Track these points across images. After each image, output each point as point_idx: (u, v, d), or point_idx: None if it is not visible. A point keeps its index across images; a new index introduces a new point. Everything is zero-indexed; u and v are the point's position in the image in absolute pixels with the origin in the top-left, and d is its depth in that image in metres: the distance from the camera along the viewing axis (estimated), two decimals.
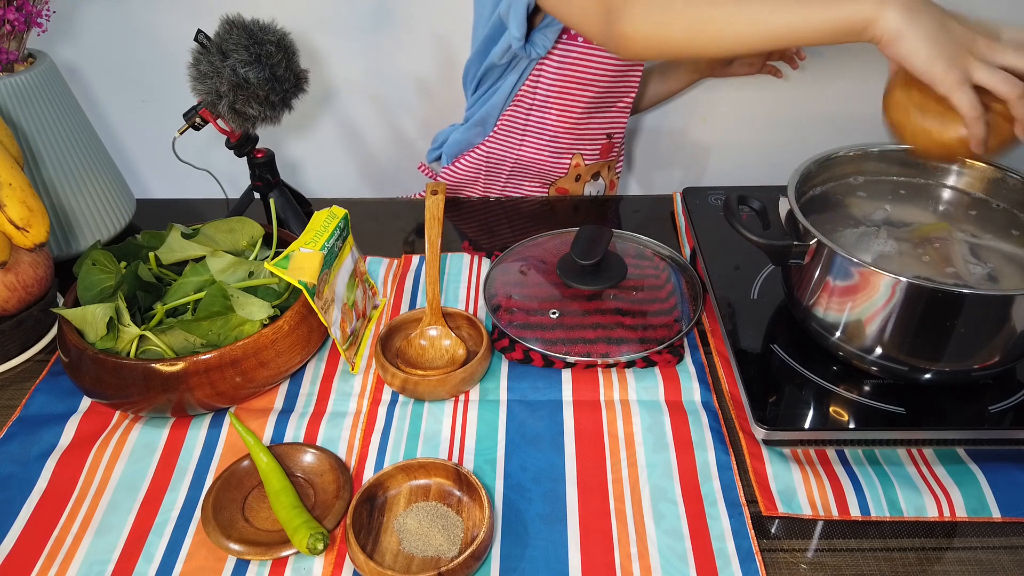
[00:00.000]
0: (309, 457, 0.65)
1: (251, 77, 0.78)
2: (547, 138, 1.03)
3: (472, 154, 1.07)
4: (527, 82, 0.98)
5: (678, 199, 1.00)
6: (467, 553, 0.54)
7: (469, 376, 0.71)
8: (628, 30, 0.69)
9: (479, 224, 1.00)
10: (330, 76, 1.30)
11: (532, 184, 1.10)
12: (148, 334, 0.67)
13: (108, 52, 1.26)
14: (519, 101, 1.01)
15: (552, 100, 0.99)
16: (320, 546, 0.56)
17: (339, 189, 1.44)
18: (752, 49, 0.67)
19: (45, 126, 0.85)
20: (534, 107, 1.01)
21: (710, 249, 0.85)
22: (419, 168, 1.13)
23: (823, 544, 0.59)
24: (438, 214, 0.79)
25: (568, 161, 1.06)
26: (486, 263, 0.90)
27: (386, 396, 0.72)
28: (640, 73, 1.00)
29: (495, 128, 1.04)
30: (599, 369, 0.74)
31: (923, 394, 0.66)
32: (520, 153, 1.05)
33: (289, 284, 0.73)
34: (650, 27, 0.69)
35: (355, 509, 0.58)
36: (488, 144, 1.05)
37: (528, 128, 1.03)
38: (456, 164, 1.08)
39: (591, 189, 1.12)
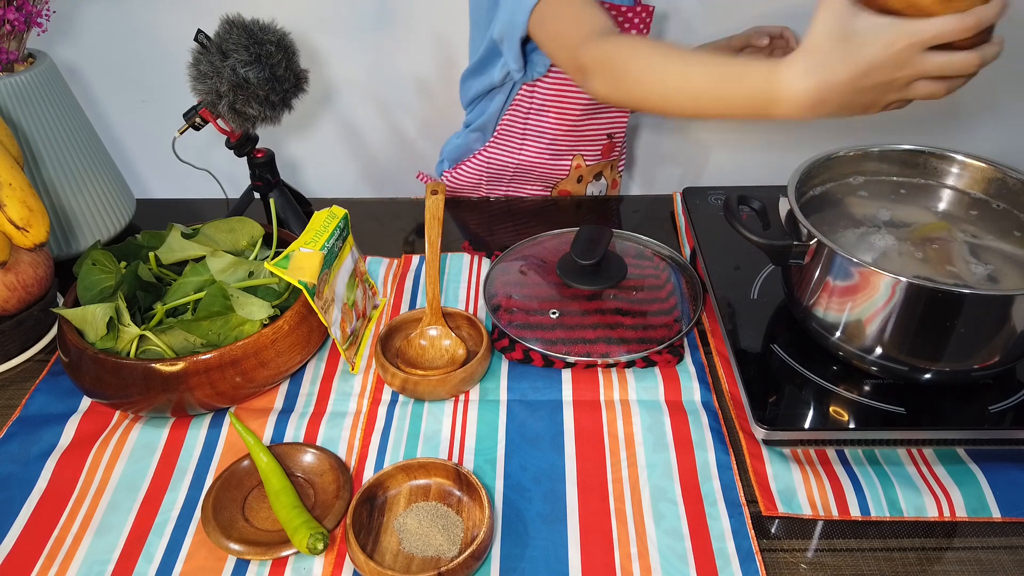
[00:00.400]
0: (309, 457, 0.65)
1: (251, 77, 0.78)
2: (547, 141, 1.03)
3: (474, 160, 1.07)
4: (523, 88, 0.99)
5: (678, 199, 1.00)
6: (467, 553, 0.54)
7: (469, 376, 0.71)
8: (597, 92, 0.79)
9: (479, 224, 1.00)
10: (330, 76, 1.30)
11: (534, 187, 1.10)
12: (148, 334, 0.67)
13: (108, 52, 1.26)
14: (516, 107, 1.01)
15: (550, 104, 1.00)
16: (320, 546, 0.56)
17: (339, 189, 1.44)
18: (698, 115, 0.74)
19: (45, 126, 0.85)
20: (532, 112, 1.01)
21: (710, 249, 0.85)
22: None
23: (823, 544, 0.59)
24: (438, 214, 0.79)
25: (569, 163, 1.06)
26: (486, 263, 0.90)
27: (386, 396, 0.72)
28: None
29: (495, 133, 1.04)
30: (599, 369, 0.74)
31: (923, 394, 0.66)
32: (521, 157, 1.05)
33: (289, 284, 0.73)
34: (613, 94, 0.78)
35: (355, 509, 0.58)
36: (489, 150, 1.05)
37: (527, 132, 1.03)
38: (458, 170, 1.08)
39: (593, 190, 1.12)
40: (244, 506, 0.61)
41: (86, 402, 0.71)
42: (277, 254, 0.77)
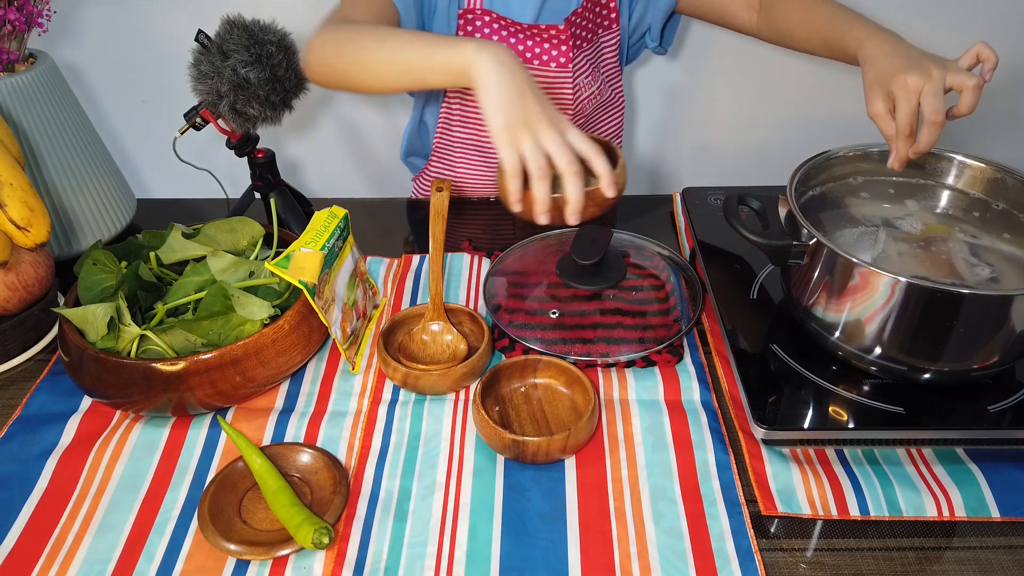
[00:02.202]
0: (302, 456, 0.65)
1: (252, 77, 0.78)
2: (479, 154, 1.05)
3: (425, 172, 1.12)
4: (444, 102, 1.02)
5: (678, 199, 1.00)
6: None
7: (470, 371, 0.71)
8: (309, 52, 0.80)
9: (479, 224, 1.01)
10: None
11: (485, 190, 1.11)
12: (149, 334, 0.67)
13: (109, 52, 1.26)
14: (444, 122, 1.04)
15: (471, 117, 1.02)
16: (325, 540, 0.56)
17: (339, 189, 1.44)
18: (397, 85, 0.76)
19: (46, 126, 0.85)
20: (455, 124, 1.03)
21: (710, 249, 0.85)
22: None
23: (822, 544, 0.59)
24: (443, 211, 0.79)
25: None
26: (486, 263, 0.90)
27: (386, 395, 0.72)
28: (569, 91, 1.00)
29: (432, 150, 1.08)
30: (599, 369, 0.74)
31: (923, 394, 0.66)
32: (458, 171, 1.08)
33: (289, 284, 0.73)
34: (319, 54, 0.79)
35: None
36: (433, 165, 1.10)
37: (459, 146, 1.05)
38: (418, 179, 1.15)
39: None
40: (240, 508, 0.62)
41: (87, 402, 0.71)
42: (278, 254, 0.77)
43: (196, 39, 0.79)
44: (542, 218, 0.65)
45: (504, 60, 0.67)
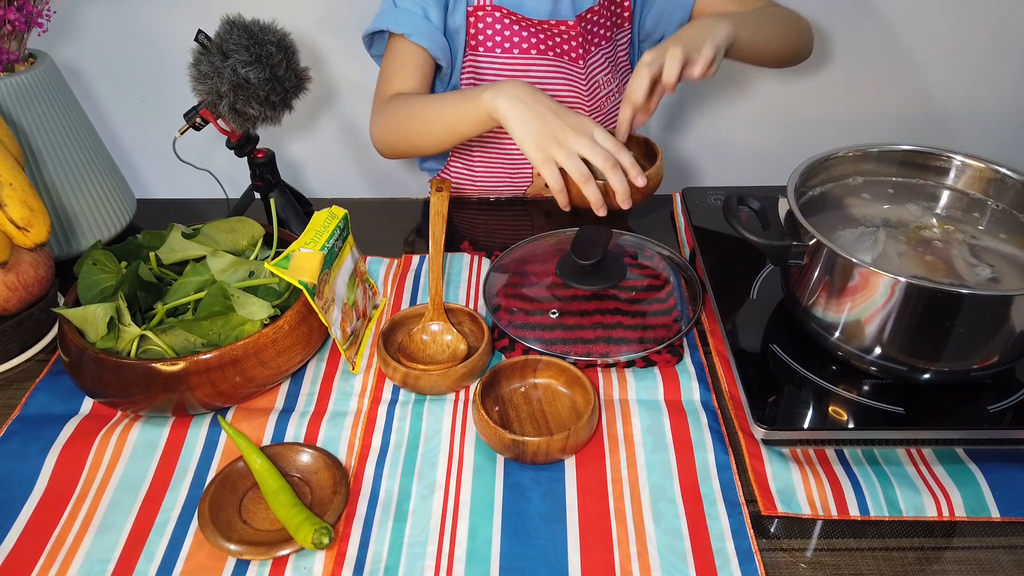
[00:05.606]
0: (303, 456, 0.65)
1: (251, 77, 0.78)
2: (500, 155, 1.05)
3: (444, 174, 1.13)
4: None
5: (678, 199, 1.00)
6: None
7: (470, 371, 0.71)
8: (372, 132, 0.96)
9: (479, 224, 1.01)
10: (330, 76, 1.30)
11: (507, 190, 1.12)
12: (149, 334, 0.67)
13: (109, 52, 1.26)
14: None
15: None
16: (326, 540, 0.56)
17: (339, 189, 1.44)
18: (446, 143, 0.87)
19: (46, 126, 0.86)
20: None
21: (710, 249, 0.85)
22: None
23: (822, 544, 0.59)
24: (443, 211, 0.79)
25: (530, 169, 1.07)
26: (486, 263, 0.90)
27: (386, 395, 0.72)
28: (583, 85, 1.00)
29: (451, 152, 1.08)
30: (599, 369, 0.74)
31: (922, 394, 0.66)
32: (477, 172, 1.07)
33: (289, 284, 0.73)
34: (379, 133, 0.95)
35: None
36: (452, 166, 1.10)
37: (479, 148, 1.06)
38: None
39: None
40: (240, 508, 0.62)
41: (87, 404, 0.71)
42: (277, 254, 0.77)
43: (196, 39, 0.79)
44: (600, 211, 0.72)
45: (517, 93, 0.74)
